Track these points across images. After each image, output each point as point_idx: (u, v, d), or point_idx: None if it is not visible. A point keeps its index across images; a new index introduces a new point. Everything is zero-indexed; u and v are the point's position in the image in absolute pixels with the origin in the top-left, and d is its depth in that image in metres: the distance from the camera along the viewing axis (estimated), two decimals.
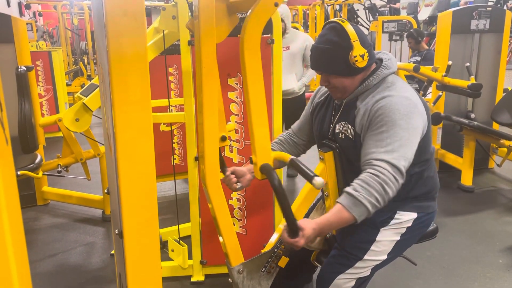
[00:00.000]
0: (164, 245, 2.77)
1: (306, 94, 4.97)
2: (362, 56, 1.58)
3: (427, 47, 6.09)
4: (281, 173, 2.49)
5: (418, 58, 5.82)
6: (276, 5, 1.37)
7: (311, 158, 2.12)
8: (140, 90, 0.94)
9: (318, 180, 1.36)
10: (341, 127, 1.69)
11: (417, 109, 1.55)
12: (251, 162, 1.58)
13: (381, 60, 1.68)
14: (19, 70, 2.82)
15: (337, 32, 1.59)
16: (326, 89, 1.86)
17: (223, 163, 1.77)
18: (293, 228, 1.41)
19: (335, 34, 1.59)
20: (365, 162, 1.51)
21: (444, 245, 2.93)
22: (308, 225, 1.44)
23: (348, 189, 1.47)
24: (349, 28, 1.58)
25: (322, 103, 1.85)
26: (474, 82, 3.60)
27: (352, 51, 1.57)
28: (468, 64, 3.81)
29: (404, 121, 1.50)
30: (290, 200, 1.49)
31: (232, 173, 1.78)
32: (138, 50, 0.92)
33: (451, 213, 3.40)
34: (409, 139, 1.50)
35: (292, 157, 1.51)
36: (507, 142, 3.68)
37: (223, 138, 1.70)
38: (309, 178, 1.38)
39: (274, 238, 1.77)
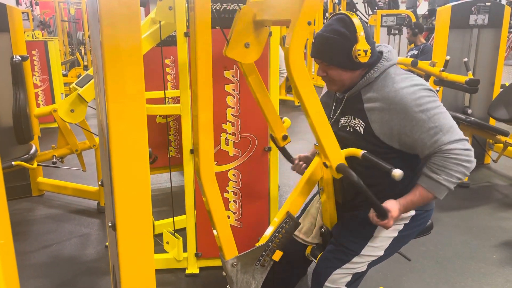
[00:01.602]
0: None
1: None
2: (366, 52, 1.56)
3: (424, 41, 6.08)
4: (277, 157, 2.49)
5: (416, 52, 5.80)
6: (309, 23, 1.36)
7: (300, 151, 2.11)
8: (134, 81, 0.93)
9: (397, 172, 1.41)
10: (348, 120, 1.68)
11: (429, 89, 1.58)
12: (326, 166, 1.60)
13: (381, 52, 1.67)
14: (14, 59, 2.79)
15: (345, 23, 1.57)
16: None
17: (289, 156, 1.97)
18: (381, 211, 1.51)
19: (342, 25, 1.57)
20: (432, 153, 1.53)
21: (439, 240, 2.93)
22: (394, 207, 1.53)
23: (427, 171, 1.54)
24: (357, 21, 1.56)
25: (325, 96, 1.86)
26: (472, 77, 3.59)
27: (356, 45, 1.55)
28: (466, 59, 3.80)
29: (431, 102, 1.53)
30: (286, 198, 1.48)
31: (300, 160, 1.94)
32: (132, 40, 0.91)
33: (446, 209, 3.40)
34: (445, 111, 1.56)
35: (363, 152, 1.53)
36: (503, 138, 3.68)
37: (284, 137, 1.85)
38: (387, 170, 1.44)
39: (269, 231, 1.77)
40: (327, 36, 1.59)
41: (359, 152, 1.54)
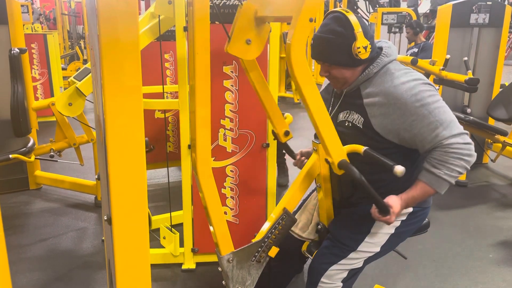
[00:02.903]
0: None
1: None
2: (365, 48, 1.56)
3: (424, 40, 6.07)
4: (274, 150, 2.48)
5: (416, 50, 5.80)
6: (311, 20, 1.36)
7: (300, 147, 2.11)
8: (131, 75, 0.93)
9: (399, 168, 1.41)
10: (346, 115, 1.68)
11: (429, 84, 1.58)
12: (328, 163, 1.60)
13: (381, 48, 1.66)
14: (12, 52, 2.78)
15: (341, 22, 1.57)
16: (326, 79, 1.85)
17: (291, 151, 1.97)
18: (383, 207, 1.51)
19: (339, 24, 1.57)
20: (433, 148, 1.53)
21: (436, 238, 2.94)
22: (396, 203, 1.54)
23: (427, 166, 1.54)
24: (353, 18, 1.56)
25: (324, 92, 1.86)
26: (472, 76, 3.59)
27: (355, 42, 1.55)
28: (466, 58, 3.79)
29: (431, 97, 1.53)
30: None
31: (302, 156, 1.94)
32: (129, 34, 0.91)
33: (444, 207, 3.41)
34: (445, 105, 1.56)
35: (365, 148, 1.52)
36: (502, 138, 3.68)
37: (286, 133, 1.86)
38: (389, 167, 1.43)
39: (265, 227, 1.77)
40: (325, 37, 1.59)
41: (361, 148, 1.54)
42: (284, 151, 3.47)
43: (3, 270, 0.65)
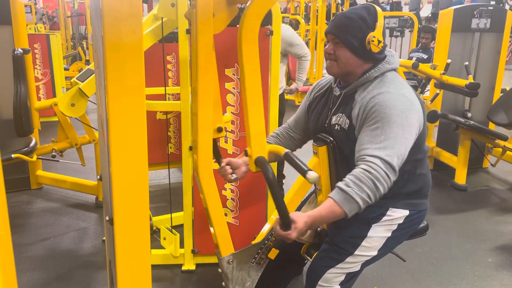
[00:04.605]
0: (155, 232, 2.79)
1: (303, 88, 4.89)
2: (379, 42, 1.59)
3: (433, 46, 5.99)
4: (275, 167, 2.50)
5: (425, 56, 5.58)
6: None
7: (309, 152, 2.12)
8: (135, 77, 0.94)
9: (312, 175, 1.37)
10: (338, 118, 1.68)
11: (413, 107, 1.56)
12: (246, 155, 1.58)
13: (384, 56, 1.68)
14: (15, 52, 2.80)
15: (369, 11, 1.61)
16: (325, 82, 1.85)
17: (219, 154, 1.78)
18: (285, 221, 1.43)
19: (366, 11, 1.61)
20: (358, 158, 1.51)
21: (435, 242, 2.94)
22: (300, 219, 1.46)
23: (340, 184, 1.48)
24: (380, 13, 1.61)
25: (321, 96, 1.85)
26: (472, 81, 3.60)
27: (373, 32, 1.58)
28: (467, 63, 3.80)
29: (400, 118, 1.50)
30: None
31: (228, 164, 1.76)
32: (133, 36, 0.92)
33: (443, 211, 3.41)
34: (404, 136, 1.50)
35: (286, 150, 1.51)
36: (502, 142, 3.69)
37: (219, 129, 1.70)
38: (303, 172, 1.39)
39: (265, 229, 1.78)
40: (348, 16, 1.62)
41: (283, 150, 1.52)
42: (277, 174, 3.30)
43: (9, 269, 0.66)
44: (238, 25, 1.47)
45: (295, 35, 3.46)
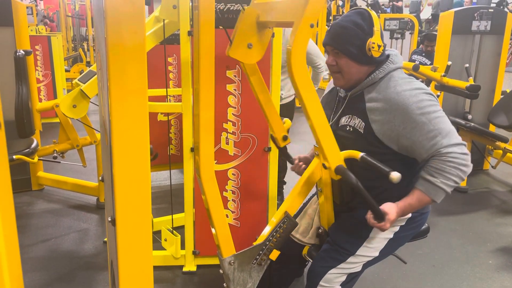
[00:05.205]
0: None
1: None
2: (379, 47, 1.59)
3: None
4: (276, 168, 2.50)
5: (428, 62, 5.50)
6: (312, 26, 1.37)
7: (303, 142, 2.13)
8: (137, 79, 0.94)
9: (395, 175, 1.42)
10: (348, 119, 1.69)
11: (430, 93, 1.60)
12: (325, 167, 1.61)
13: (387, 56, 1.69)
14: (17, 54, 2.80)
15: (363, 16, 1.61)
16: (331, 82, 1.86)
17: (289, 156, 1.98)
18: (378, 214, 1.52)
19: (361, 17, 1.60)
20: (430, 156, 1.54)
21: (436, 244, 2.95)
22: (392, 210, 1.54)
23: (425, 174, 1.55)
24: (375, 17, 1.61)
25: (327, 97, 1.87)
26: (473, 83, 3.61)
27: (371, 38, 1.58)
28: (467, 65, 3.81)
29: (431, 106, 1.56)
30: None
31: (300, 161, 1.94)
32: (136, 37, 0.92)
33: (444, 213, 3.41)
34: (445, 116, 1.58)
35: (362, 154, 1.54)
36: (502, 144, 3.69)
37: (285, 138, 1.88)
38: (385, 173, 1.45)
39: (266, 230, 1.78)
40: (343, 25, 1.62)
41: (358, 154, 1.55)
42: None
43: (16, 270, 0.66)
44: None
45: (313, 44, 3.44)
